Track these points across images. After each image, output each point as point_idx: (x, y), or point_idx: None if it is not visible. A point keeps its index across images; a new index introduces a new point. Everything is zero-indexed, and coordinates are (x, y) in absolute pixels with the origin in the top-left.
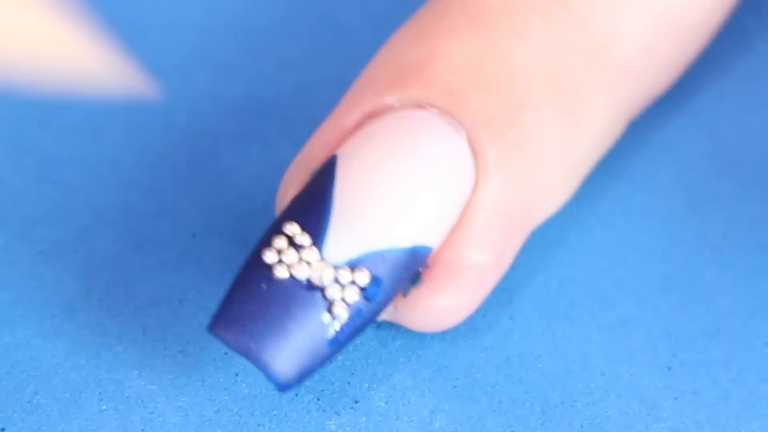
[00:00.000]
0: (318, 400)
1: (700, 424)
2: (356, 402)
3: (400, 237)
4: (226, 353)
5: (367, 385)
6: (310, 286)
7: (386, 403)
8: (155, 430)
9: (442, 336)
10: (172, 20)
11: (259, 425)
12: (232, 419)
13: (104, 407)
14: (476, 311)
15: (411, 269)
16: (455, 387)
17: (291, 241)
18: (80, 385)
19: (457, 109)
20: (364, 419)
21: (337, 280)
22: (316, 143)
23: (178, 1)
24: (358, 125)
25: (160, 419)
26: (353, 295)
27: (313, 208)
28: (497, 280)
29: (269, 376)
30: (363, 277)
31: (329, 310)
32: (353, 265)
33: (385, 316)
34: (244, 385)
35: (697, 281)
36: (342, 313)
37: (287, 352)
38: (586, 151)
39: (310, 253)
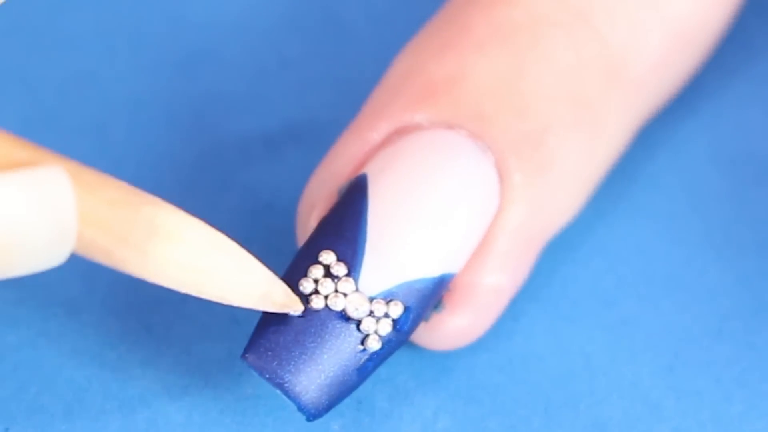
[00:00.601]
0: None
1: (702, 424)
2: (359, 402)
3: (431, 266)
4: (230, 353)
5: (370, 386)
6: (344, 317)
7: (389, 403)
8: (159, 430)
9: None
10: (175, 19)
11: (263, 425)
12: (236, 419)
13: (108, 407)
14: None
15: (436, 296)
16: (458, 388)
17: (327, 271)
18: (84, 385)
19: (486, 132)
20: (367, 420)
21: (371, 313)
22: (340, 157)
23: None
24: (385, 141)
25: (163, 419)
26: (386, 328)
27: (346, 235)
28: (512, 297)
29: (301, 407)
30: (396, 310)
31: (362, 342)
32: (387, 297)
33: None
34: (247, 385)
35: (700, 281)
36: (375, 346)
37: (320, 384)
38: (600, 164)
39: (346, 285)
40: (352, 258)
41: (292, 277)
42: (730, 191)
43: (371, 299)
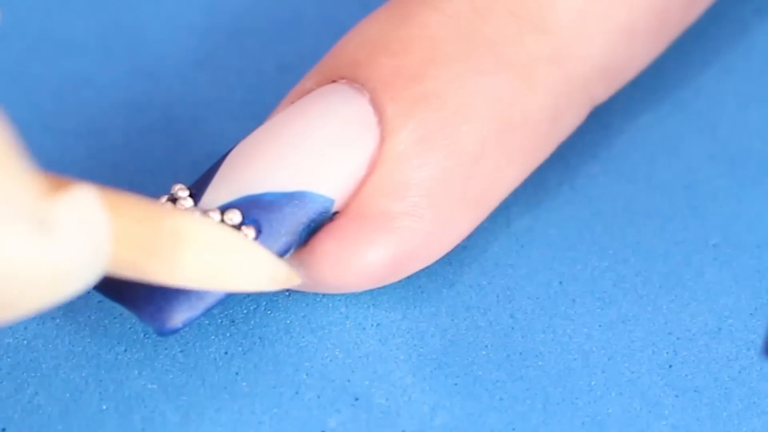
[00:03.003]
0: (318, 397)
1: (701, 421)
2: (357, 399)
3: (280, 182)
4: (226, 353)
5: (367, 383)
6: None
7: (387, 400)
8: (155, 430)
9: (443, 334)
10: (172, 23)
11: (259, 423)
12: (233, 417)
13: (104, 407)
14: (477, 309)
15: (307, 217)
16: (456, 384)
17: (171, 197)
18: (80, 386)
19: (359, 74)
20: (364, 416)
21: None
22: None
23: (178, 4)
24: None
25: (160, 418)
26: None
27: (207, 172)
28: (425, 235)
29: (140, 316)
30: (233, 217)
31: None
32: (225, 209)
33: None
34: (244, 384)
35: (698, 280)
36: None
37: (160, 294)
38: (529, 114)
39: (184, 202)
40: (200, 185)
41: None
42: (729, 191)
43: (207, 211)
